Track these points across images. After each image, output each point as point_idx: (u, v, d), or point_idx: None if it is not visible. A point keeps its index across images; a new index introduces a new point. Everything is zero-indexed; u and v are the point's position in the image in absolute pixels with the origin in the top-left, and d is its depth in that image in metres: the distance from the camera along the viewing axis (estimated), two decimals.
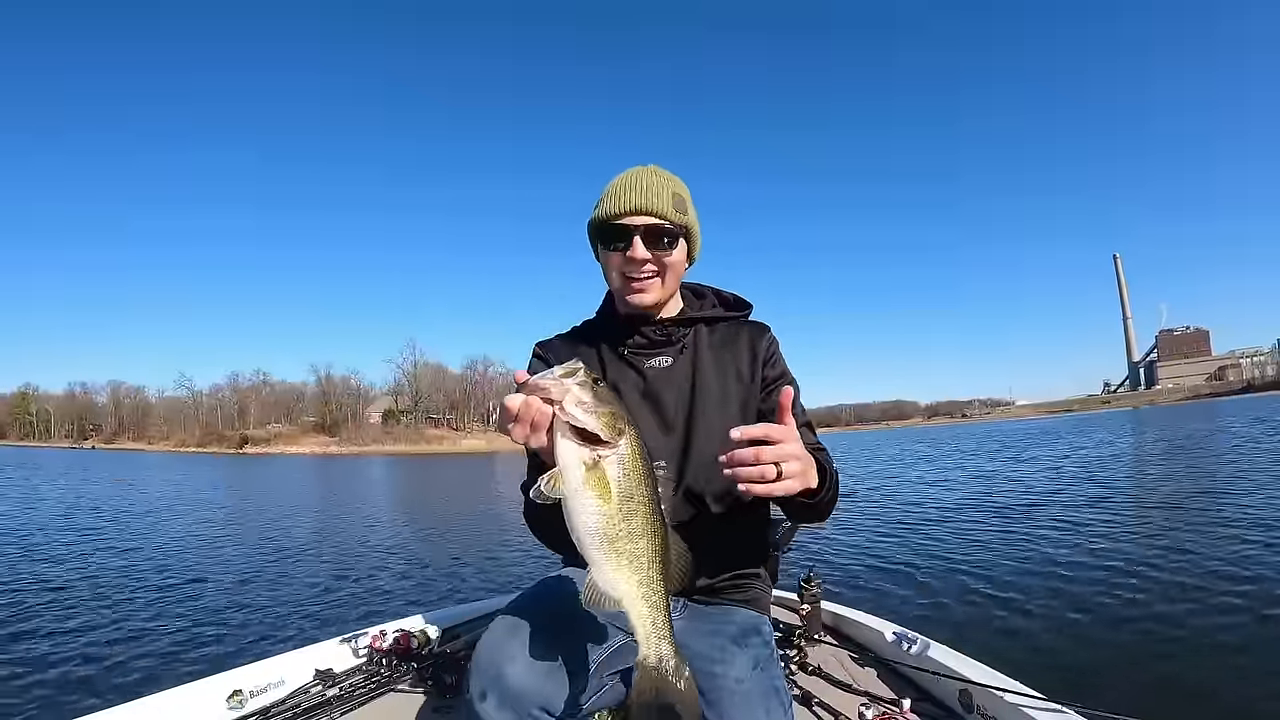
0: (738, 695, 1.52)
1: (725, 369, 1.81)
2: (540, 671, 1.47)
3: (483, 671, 1.47)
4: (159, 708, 2.09)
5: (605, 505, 1.27)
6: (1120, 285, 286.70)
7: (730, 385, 1.80)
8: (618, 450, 1.28)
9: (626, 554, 1.30)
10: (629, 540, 1.30)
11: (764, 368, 1.81)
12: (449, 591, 8.17)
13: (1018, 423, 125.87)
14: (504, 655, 1.48)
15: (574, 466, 1.27)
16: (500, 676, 1.45)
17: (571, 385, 1.26)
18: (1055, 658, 4.70)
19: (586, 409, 1.26)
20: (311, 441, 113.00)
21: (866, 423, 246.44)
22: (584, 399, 1.26)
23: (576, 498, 1.27)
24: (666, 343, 1.83)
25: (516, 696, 1.44)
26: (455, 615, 2.98)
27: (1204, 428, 35.46)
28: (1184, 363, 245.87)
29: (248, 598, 7.85)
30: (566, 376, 1.27)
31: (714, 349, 1.84)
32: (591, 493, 1.27)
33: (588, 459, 1.27)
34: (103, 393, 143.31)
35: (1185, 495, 11.99)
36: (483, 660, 1.49)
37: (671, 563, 1.36)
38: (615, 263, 1.75)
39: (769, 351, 1.83)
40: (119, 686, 4.94)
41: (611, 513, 1.28)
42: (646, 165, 1.80)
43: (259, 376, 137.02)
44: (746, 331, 1.86)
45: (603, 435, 1.26)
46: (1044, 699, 1.93)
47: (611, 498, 1.28)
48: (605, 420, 1.26)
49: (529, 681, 1.45)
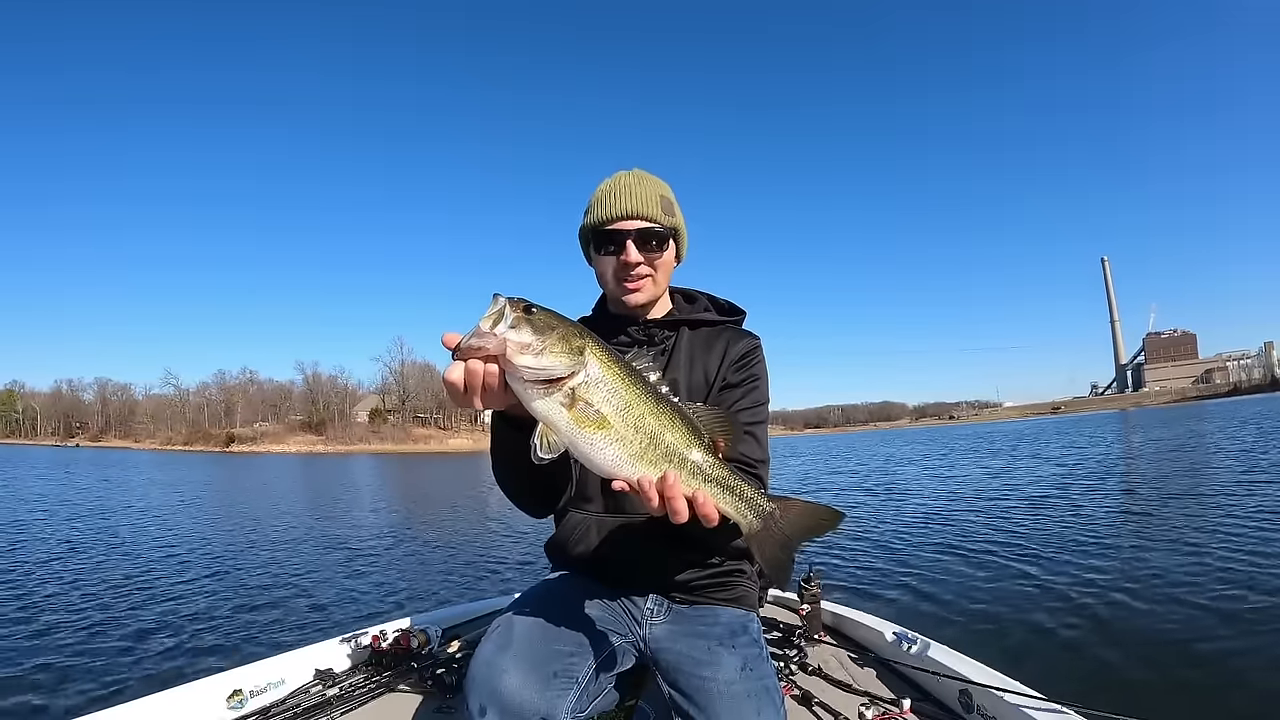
0: (727, 698, 1.50)
1: (695, 372, 1.82)
2: (536, 682, 1.46)
3: (478, 687, 1.46)
4: (159, 708, 2.08)
5: (609, 431, 1.18)
6: (1108, 288, 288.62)
7: (696, 385, 1.81)
8: (587, 372, 1.17)
9: (661, 458, 1.21)
10: (654, 446, 1.21)
11: (728, 370, 1.81)
12: (449, 591, 8.14)
13: (1006, 424, 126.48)
14: (498, 669, 1.47)
15: (554, 413, 1.17)
16: (497, 691, 1.44)
17: (506, 333, 1.13)
18: (1055, 658, 4.71)
19: (532, 350, 1.14)
20: (298, 440, 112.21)
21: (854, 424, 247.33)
22: (524, 340, 1.14)
23: (577, 440, 1.18)
24: (649, 343, 1.85)
25: (515, 710, 1.42)
26: (455, 615, 2.97)
27: (1194, 429, 35.70)
28: (1171, 365, 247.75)
29: (247, 598, 7.80)
30: (495, 323, 1.14)
31: (691, 350, 1.86)
32: (588, 427, 1.17)
33: (563, 399, 1.16)
34: (90, 390, 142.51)
35: (1183, 495, 12.03)
36: (478, 676, 1.48)
37: (710, 430, 1.28)
38: (609, 267, 1.80)
39: (740, 355, 1.83)
40: (119, 686, 4.90)
41: (622, 434, 1.19)
42: (630, 170, 1.84)
43: (246, 375, 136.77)
44: (727, 335, 1.88)
45: (565, 369, 1.15)
46: (1044, 699, 1.94)
47: (610, 421, 1.18)
48: (558, 350, 1.15)
49: (526, 694, 1.44)
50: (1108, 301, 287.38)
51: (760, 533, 1.29)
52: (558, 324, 1.18)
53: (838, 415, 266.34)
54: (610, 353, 1.22)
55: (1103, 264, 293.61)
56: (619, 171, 1.84)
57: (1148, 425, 47.94)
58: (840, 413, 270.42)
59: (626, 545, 1.76)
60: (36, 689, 4.90)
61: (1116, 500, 12.36)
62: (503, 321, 1.14)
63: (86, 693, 4.83)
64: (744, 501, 1.28)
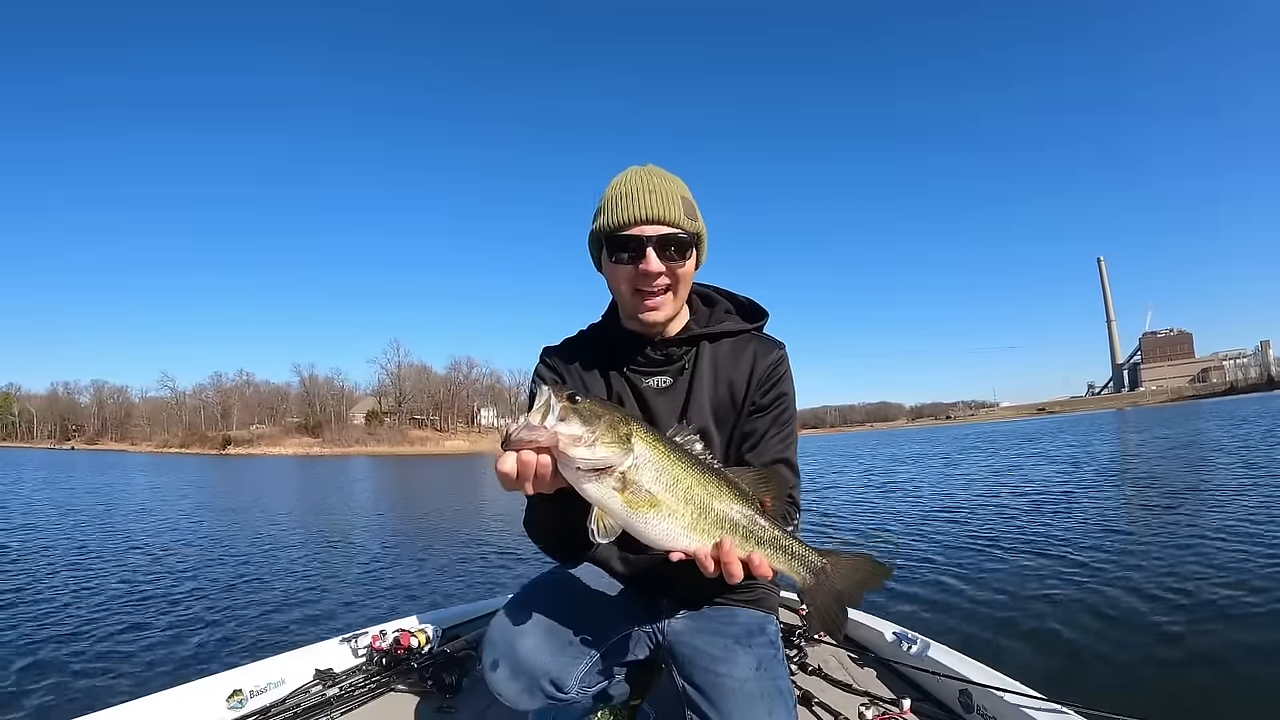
0: (740, 695, 1.52)
1: (721, 390, 1.72)
2: (551, 647, 1.52)
3: (495, 643, 1.53)
4: (159, 708, 2.08)
5: (661, 509, 1.24)
6: (1104, 288, 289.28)
7: (722, 405, 1.73)
8: (635, 457, 1.23)
9: (714, 526, 1.27)
10: (704, 515, 1.27)
11: (757, 390, 1.72)
12: (449, 591, 8.12)
13: (1003, 424, 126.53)
14: (517, 629, 1.53)
15: (609, 499, 1.23)
16: (513, 648, 1.50)
17: (556, 426, 1.20)
18: (1055, 658, 4.69)
19: (584, 443, 1.20)
20: (294, 442, 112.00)
21: (851, 425, 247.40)
22: (575, 433, 1.20)
23: (632, 521, 1.24)
24: (667, 361, 1.74)
25: (528, 669, 1.49)
26: (455, 615, 2.99)
27: (1194, 428, 35.69)
28: (1167, 365, 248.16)
29: (247, 598, 7.78)
30: (544, 417, 1.21)
31: (715, 368, 1.74)
32: (642, 508, 1.23)
33: (615, 485, 1.22)
34: (86, 393, 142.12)
35: (1183, 494, 11.99)
36: (496, 633, 1.55)
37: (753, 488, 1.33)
38: (625, 276, 1.62)
39: (768, 373, 1.73)
40: (119, 686, 4.88)
41: (673, 509, 1.25)
42: (644, 165, 1.68)
43: (242, 377, 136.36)
44: (752, 349, 1.75)
45: (616, 459, 1.22)
46: (1044, 699, 1.95)
47: (660, 499, 1.24)
48: (608, 441, 1.21)
49: (540, 656, 1.50)
50: (1104, 301, 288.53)
51: (814, 587, 1.35)
52: (604, 412, 1.25)
53: (835, 416, 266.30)
54: (653, 433, 1.29)
55: (1099, 264, 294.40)
56: (632, 167, 1.67)
57: (1145, 424, 47.95)
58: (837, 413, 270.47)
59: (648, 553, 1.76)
60: (37, 689, 4.88)
61: (1116, 500, 12.34)
62: (551, 414, 1.21)
63: (87, 692, 4.81)
64: (797, 559, 1.34)
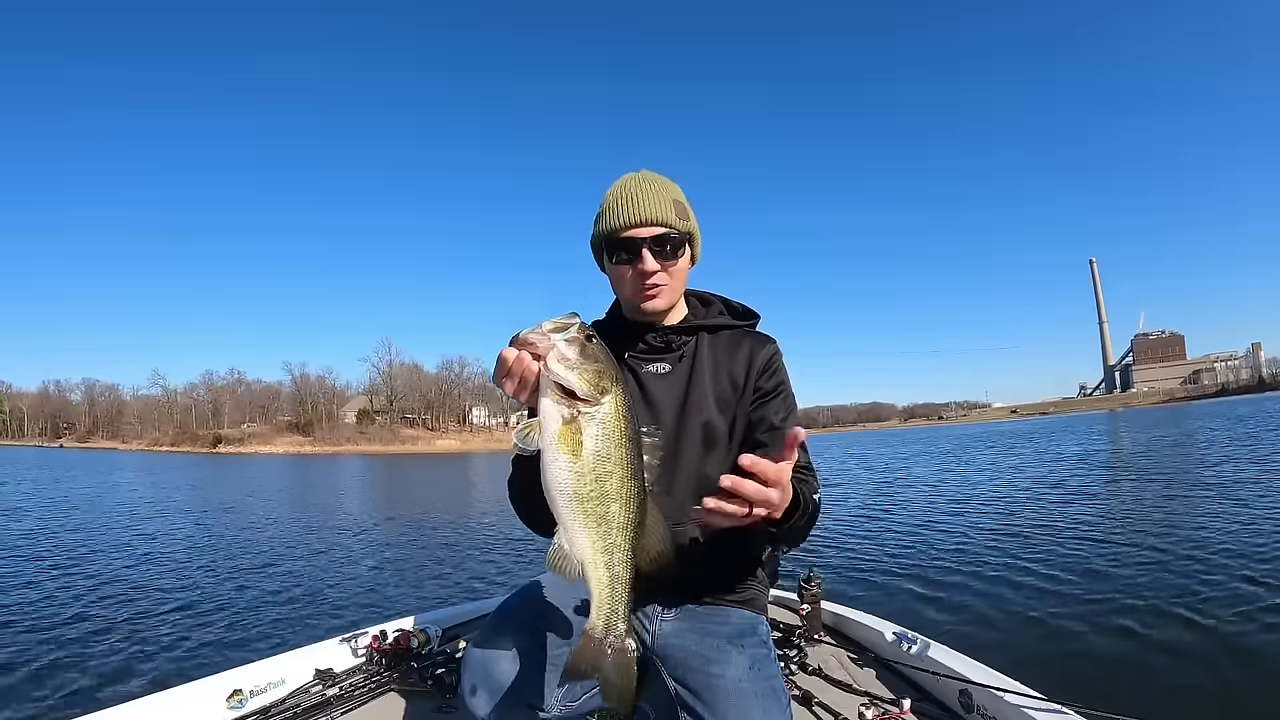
0: (734, 696, 1.51)
1: (721, 377, 1.79)
2: (529, 668, 1.52)
3: (473, 668, 1.53)
4: (159, 708, 2.07)
5: (576, 462, 1.25)
6: (1096, 289, 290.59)
7: (724, 393, 1.78)
8: (599, 408, 1.25)
9: (594, 516, 1.26)
10: (598, 502, 1.26)
11: (759, 378, 1.79)
12: (449, 591, 8.11)
13: (995, 424, 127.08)
14: (493, 652, 1.53)
15: (551, 419, 1.25)
16: (490, 673, 1.50)
17: (558, 341, 1.25)
18: (1055, 658, 4.70)
19: (569, 365, 1.24)
20: (286, 441, 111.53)
21: (843, 425, 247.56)
22: (568, 355, 1.24)
23: (549, 451, 1.25)
24: (666, 349, 1.82)
25: (505, 693, 1.49)
26: (455, 615, 2.98)
27: (1187, 429, 35.89)
28: (1159, 366, 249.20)
29: (247, 598, 7.76)
30: (556, 331, 1.26)
31: (714, 357, 1.82)
32: (565, 447, 1.24)
33: (565, 414, 1.25)
34: (77, 391, 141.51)
35: (1182, 494, 12.02)
36: (473, 658, 1.55)
37: (646, 535, 1.31)
38: (625, 276, 1.75)
39: (767, 362, 1.81)
40: (119, 686, 4.87)
41: (582, 471, 1.25)
42: (637, 172, 1.79)
43: (233, 375, 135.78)
44: (749, 341, 1.84)
45: (582, 393, 1.24)
46: (1044, 699, 1.95)
47: (584, 455, 1.25)
48: (587, 378, 1.24)
49: (516, 679, 1.50)
50: (1096, 303, 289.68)
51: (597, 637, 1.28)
52: (604, 362, 1.27)
53: (827, 416, 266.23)
54: (628, 411, 1.29)
55: (1091, 265, 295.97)
56: (626, 175, 1.79)
57: (1138, 425, 48.20)
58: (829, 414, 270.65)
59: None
60: (37, 689, 4.87)
61: (1115, 500, 12.37)
62: (563, 333, 1.25)
63: (86, 692, 4.80)
64: (611, 603, 1.29)
